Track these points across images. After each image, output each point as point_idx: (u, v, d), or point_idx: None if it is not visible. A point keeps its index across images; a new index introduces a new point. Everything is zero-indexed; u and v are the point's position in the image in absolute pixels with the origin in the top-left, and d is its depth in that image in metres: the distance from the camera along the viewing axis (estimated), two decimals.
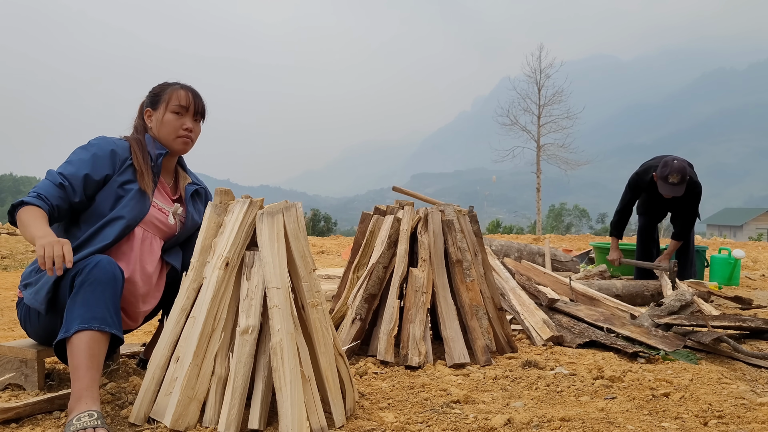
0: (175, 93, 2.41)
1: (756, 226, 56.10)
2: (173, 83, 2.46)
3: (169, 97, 2.40)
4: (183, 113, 2.40)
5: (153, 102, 2.43)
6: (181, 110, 2.40)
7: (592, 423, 2.01)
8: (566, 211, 59.91)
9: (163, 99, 2.41)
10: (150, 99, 2.45)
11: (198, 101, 2.44)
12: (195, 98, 2.43)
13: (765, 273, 7.64)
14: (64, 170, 2.19)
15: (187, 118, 2.41)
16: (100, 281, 2.00)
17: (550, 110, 27.79)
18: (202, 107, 2.46)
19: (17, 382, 2.30)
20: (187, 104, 2.40)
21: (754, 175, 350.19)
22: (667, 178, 5.15)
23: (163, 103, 2.40)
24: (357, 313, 2.96)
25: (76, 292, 1.99)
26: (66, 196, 2.16)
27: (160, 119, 2.39)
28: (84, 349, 1.92)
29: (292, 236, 2.00)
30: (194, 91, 2.45)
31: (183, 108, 2.40)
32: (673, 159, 5.24)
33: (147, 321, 2.50)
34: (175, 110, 2.39)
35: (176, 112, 2.39)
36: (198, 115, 2.45)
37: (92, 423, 1.79)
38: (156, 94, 2.43)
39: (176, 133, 2.40)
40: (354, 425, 1.97)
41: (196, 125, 2.46)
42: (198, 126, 2.47)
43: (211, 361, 1.92)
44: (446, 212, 3.12)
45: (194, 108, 2.42)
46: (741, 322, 3.47)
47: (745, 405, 2.22)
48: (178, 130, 2.39)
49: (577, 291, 4.22)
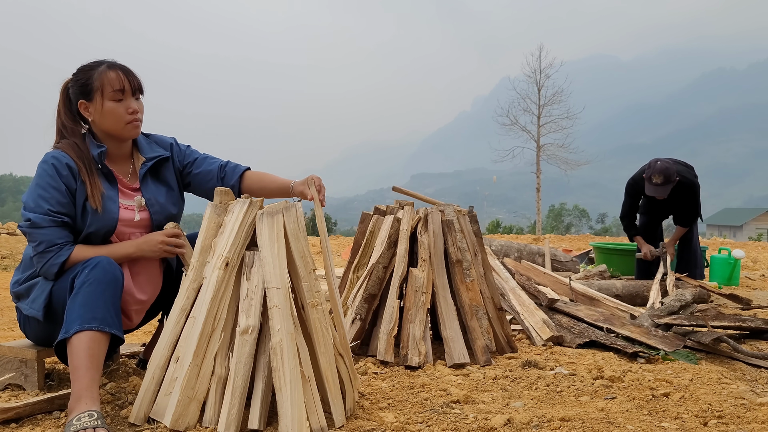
0: (106, 77, 2.19)
1: (756, 226, 56.11)
2: (96, 65, 2.23)
3: (101, 84, 2.19)
4: (122, 97, 2.21)
5: (84, 93, 2.21)
6: (119, 95, 2.20)
7: (591, 423, 2.01)
8: (566, 211, 59.93)
9: (95, 87, 2.19)
10: (79, 90, 2.22)
11: (132, 78, 2.23)
12: (128, 76, 2.22)
13: (765, 273, 7.64)
14: (51, 206, 2.10)
15: (128, 100, 2.22)
16: (101, 281, 2.00)
17: (549, 110, 27.83)
18: (138, 83, 2.26)
19: (17, 382, 2.30)
20: (123, 86, 2.20)
21: (754, 175, 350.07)
22: (651, 179, 5.19)
23: (96, 92, 2.19)
24: (357, 313, 2.96)
25: (77, 293, 1.99)
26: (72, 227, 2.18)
27: (100, 110, 2.20)
28: (84, 350, 1.91)
29: (292, 236, 2.00)
30: (124, 67, 2.24)
31: (120, 92, 2.20)
32: (656, 160, 5.27)
33: (147, 321, 2.50)
34: (113, 97, 2.20)
35: (115, 98, 2.20)
36: (137, 92, 2.26)
37: (92, 423, 1.79)
38: (84, 84, 2.21)
39: (123, 120, 2.22)
40: (354, 425, 1.97)
41: (139, 103, 2.27)
42: (141, 103, 2.28)
43: (211, 361, 1.92)
44: (446, 212, 3.12)
45: (131, 87, 2.22)
46: (741, 322, 3.47)
47: (744, 405, 2.22)
48: (123, 116, 2.22)
49: (577, 291, 4.22)
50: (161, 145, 2.47)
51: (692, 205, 5.46)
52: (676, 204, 5.53)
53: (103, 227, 2.20)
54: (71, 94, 2.25)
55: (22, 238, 11.15)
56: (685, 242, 5.74)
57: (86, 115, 2.24)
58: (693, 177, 5.45)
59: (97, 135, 2.27)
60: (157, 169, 2.42)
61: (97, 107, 2.21)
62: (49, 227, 2.09)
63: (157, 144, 2.47)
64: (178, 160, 2.48)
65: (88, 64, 2.24)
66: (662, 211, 5.83)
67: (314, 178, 2.27)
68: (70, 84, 2.26)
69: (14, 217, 39.62)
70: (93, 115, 2.23)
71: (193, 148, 2.55)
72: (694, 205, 5.46)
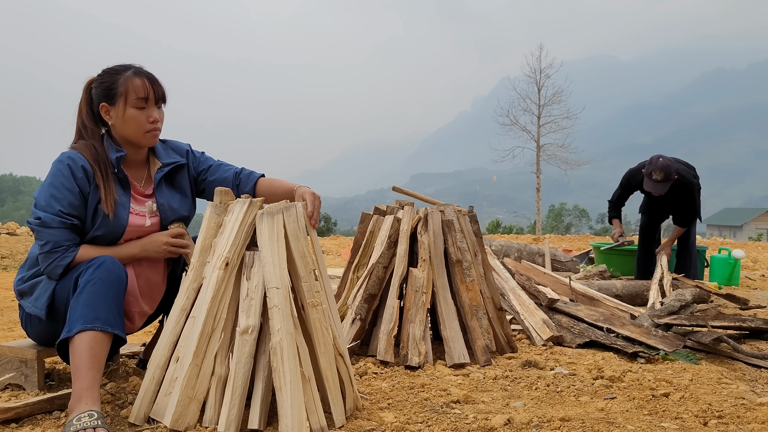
0: (131, 84, 2.18)
1: (756, 226, 56.11)
2: (123, 69, 2.22)
3: (126, 90, 2.17)
4: (145, 105, 2.20)
5: (107, 96, 2.20)
6: (142, 102, 2.19)
7: (591, 423, 2.01)
8: (566, 211, 59.91)
9: (119, 92, 2.18)
10: (103, 93, 2.20)
11: (157, 87, 2.22)
12: (153, 84, 2.21)
13: (765, 273, 7.65)
14: (63, 208, 2.09)
15: (150, 108, 2.22)
16: (104, 281, 2.00)
17: (549, 110, 27.82)
18: (163, 92, 2.25)
19: (17, 382, 2.30)
20: (147, 94, 2.19)
21: (753, 175, 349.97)
22: (651, 175, 5.22)
23: (120, 97, 2.18)
24: (357, 313, 2.96)
25: (80, 292, 1.99)
26: (81, 230, 2.18)
27: (121, 116, 2.19)
28: (86, 350, 1.91)
29: (292, 236, 2.00)
30: (150, 75, 2.23)
31: (144, 99, 2.19)
32: (659, 157, 5.30)
33: (148, 323, 2.50)
34: (136, 104, 2.18)
35: (138, 106, 2.19)
36: (160, 101, 2.25)
37: (92, 423, 1.79)
38: (109, 87, 2.19)
39: (144, 129, 2.21)
40: (354, 425, 1.97)
41: (161, 112, 2.27)
42: (162, 112, 2.27)
43: (211, 361, 1.92)
44: (446, 212, 3.12)
45: (155, 95, 2.22)
46: (741, 322, 3.47)
47: (744, 405, 2.23)
48: (144, 124, 2.21)
49: (577, 291, 4.22)
50: (177, 151, 2.46)
51: (690, 205, 5.47)
52: (674, 203, 5.54)
53: (111, 232, 2.20)
54: (94, 95, 2.24)
55: (22, 238, 11.15)
56: (682, 242, 5.74)
57: (107, 119, 2.23)
58: (692, 177, 5.46)
59: (116, 139, 2.26)
60: (172, 176, 2.41)
61: (118, 112, 2.19)
62: (58, 228, 2.09)
63: (174, 150, 2.46)
64: (193, 167, 2.48)
65: (115, 68, 2.23)
66: (661, 210, 5.84)
67: (306, 195, 2.18)
68: (94, 84, 2.24)
69: (14, 217, 39.60)
70: (113, 120, 2.21)
71: (207, 154, 2.56)
72: (692, 205, 5.47)
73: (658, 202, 5.57)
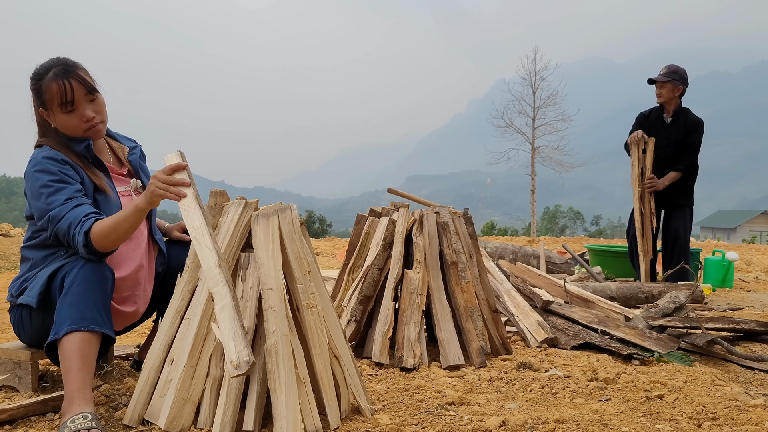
0: (50, 91, 2.07)
1: (749, 229, 56.30)
2: (45, 72, 2.10)
3: (50, 97, 2.08)
4: (72, 107, 2.10)
5: (41, 102, 2.13)
6: (68, 106, 2.09)
7: (586, 425, 2.01)
8: (561, 213, 60.07)
9: (46, 99, 2.10)
10: (37, 98, 2.14)
11: (78, 84, 2.08)
12: (72, 84, 2.08)
13: (759, 275, 7.68)
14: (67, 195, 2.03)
15: (80, 108, 2.11)
16: (90, 281, 1.98)
17: (544, 112, 27.94)
18: (88, 84, 2.11)
19: (11, 383, 2.29)
20: (69, 97, 2.08)
21: (747, 177, 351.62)
22: (659, 72, 5.63)
23: (48, 104, 2.10)
24: (352, 314, 2.96)
25: (66, 293, 1.96)
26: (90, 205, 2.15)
27: (55, 121, 2.14)
28: (75, 351, 1.90)
29: (287, 238, 2.00)
30: (67, 74, 2.08)
31: (69, 103, 2.09)
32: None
33: (142, 322, 2.49)
34: (63, 110, 2.10)
35: (66, 111, 2.10)
36: (90, 93, 2.12)
37: (86, 425, 1.78)
38: (38, 93, 2.12)
39: (81, 129, 2.14)
40: (349, 427, 1.97)
41: (95, 104, 2.14)
42: (97, 103, 2.15)
43: (206, 362, 1.92)
44: (441, 214, 3.12)
45: (81, 93, 2.10)
46: (734, 324, 3.49)
47: (738, 407, 2.23)
48: (80, 125, 2.13)
49: (572, 293, 4.23)
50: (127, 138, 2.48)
51: (695, 144, 5.64)
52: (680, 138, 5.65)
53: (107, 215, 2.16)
54: (33, 99, 2.17)
55: (16, 240, 11.09)
56: (676, 243, 5.72)
57: (50, 122, 2.17)
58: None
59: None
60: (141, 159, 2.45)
61: (53, 118, 2.14)
62: (69, 211, 2.01)
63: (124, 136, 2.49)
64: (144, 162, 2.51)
65: (38, 71, 2.13)
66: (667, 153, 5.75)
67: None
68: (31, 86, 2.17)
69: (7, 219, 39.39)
70: (54, 123, 2.16)
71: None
72: (696, 144, 5.65)
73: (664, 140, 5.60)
